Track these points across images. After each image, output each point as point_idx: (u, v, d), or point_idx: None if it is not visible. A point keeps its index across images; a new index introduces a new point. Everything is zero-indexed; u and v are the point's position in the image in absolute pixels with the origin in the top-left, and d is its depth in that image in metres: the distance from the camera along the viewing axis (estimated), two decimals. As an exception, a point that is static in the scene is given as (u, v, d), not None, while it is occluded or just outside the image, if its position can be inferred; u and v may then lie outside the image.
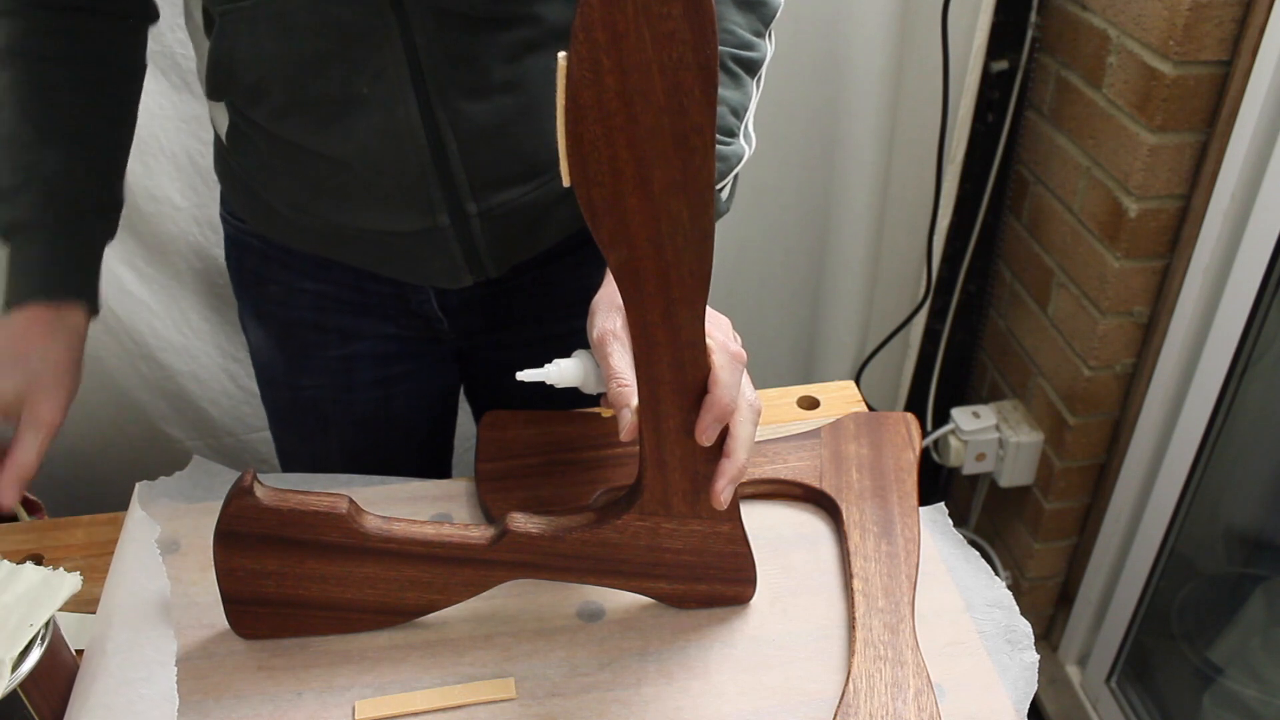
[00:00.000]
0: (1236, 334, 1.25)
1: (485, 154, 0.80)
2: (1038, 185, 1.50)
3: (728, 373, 0.65)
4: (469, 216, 0.82)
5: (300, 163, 0.81)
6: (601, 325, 0.70)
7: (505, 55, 0.77)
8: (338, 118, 0.77)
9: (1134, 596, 1.50)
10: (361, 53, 0.74)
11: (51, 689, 0.65)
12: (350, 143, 0.78)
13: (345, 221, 0.84)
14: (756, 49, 0.81)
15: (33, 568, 0.67)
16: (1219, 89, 1.21)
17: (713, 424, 0.65)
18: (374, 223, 0.83)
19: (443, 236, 0.83)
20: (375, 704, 0.68)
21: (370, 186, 0.81)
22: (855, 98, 1.46)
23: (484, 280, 0.88)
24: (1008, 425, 1.59)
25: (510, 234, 0.86)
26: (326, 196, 0.83)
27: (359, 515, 0.68)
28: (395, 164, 0.79)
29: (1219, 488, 1.41)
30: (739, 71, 0.80)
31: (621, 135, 0.55)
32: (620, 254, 0.59)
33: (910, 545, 0.78)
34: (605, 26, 0.52)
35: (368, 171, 0.80)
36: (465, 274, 0.87)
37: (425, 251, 0.85)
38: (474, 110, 0.78)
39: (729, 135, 0.78)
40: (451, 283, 0.88)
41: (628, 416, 0.66)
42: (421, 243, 0.84)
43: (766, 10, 0.81)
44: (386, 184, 0.80)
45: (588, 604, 0.75)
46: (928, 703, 0.67)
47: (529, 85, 0.79)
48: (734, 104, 0.79)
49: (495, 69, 0.78)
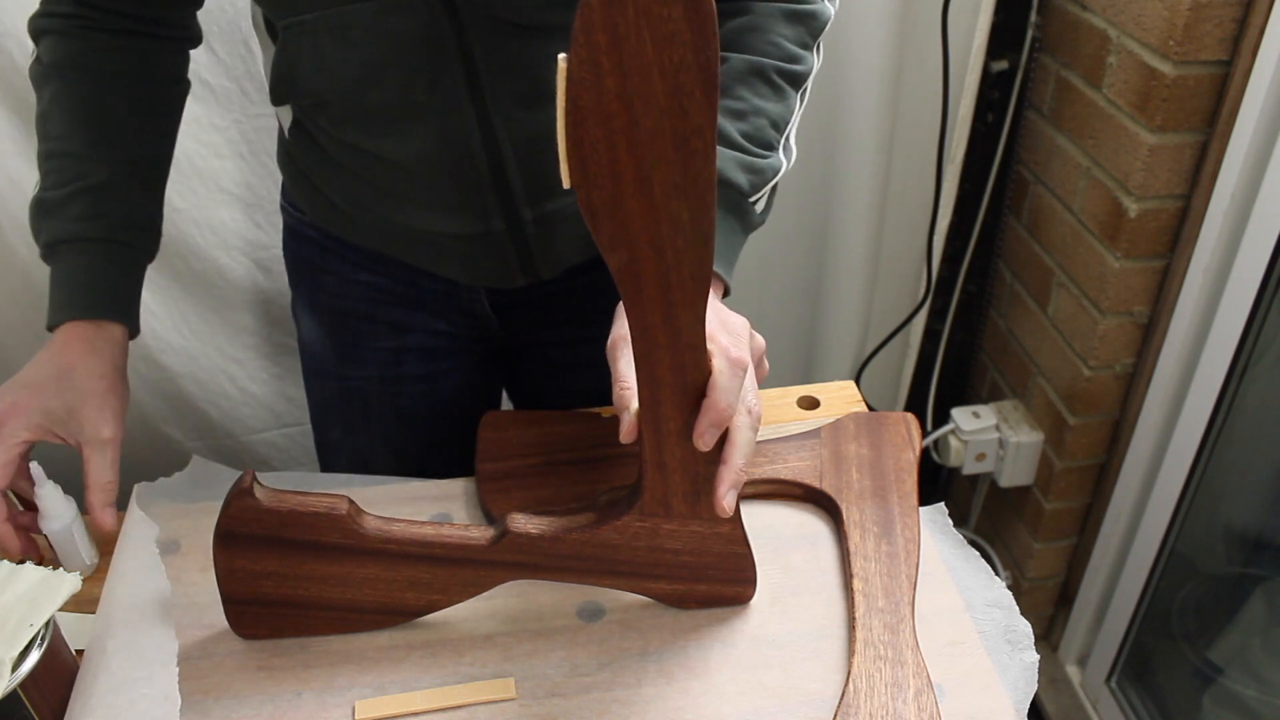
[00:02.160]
0: (1236, 334, 1.25)
1: (540, 162, 0.81)
2: (1038, 185, 1.50)
3: (727, 378, 0.65)
4: (524, 222, 0.84)
5: (360, 164, 0.83)
6: (616, 331, 0.72)
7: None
8: (396, 124, 0.79)
9: (1134, 596, 1.50)
10: (418, 61, 0.75)
11: (51, 689, 0.65)
12: (408, 149, 0.80)
13: (403, 221, 0.85)
14: (803, 61, 0.80)
15: (33, 568, 0.67)
16: (1219, 89, 1.21)
17: (709, 429, 0.65)
18: (430, 224, 0.85)
19: (498, 241, 0.85)
20: (375, 704, 0.68)
21: (427, 190, 0.82)
22: (855, 98, 1.46)
23: (536, 281, 0.89)
24: (1008, 425, 1.60)
25: (564, 239, 0.87)
26: (385, 197, 0.85)
27: (359, 516, 0.68)
28: (452, 170, 0.80)
29: (1219, 488, 1.41)
30: (782, 84, 0.79)
31: (622, 137, 0.55)
32: (620, 256, 0.59)
33: (910, 545, 0.78)
34: (606, 28, 0.52)
35: (425, 176, 0.81)
36: (519, 276, 0.88)
37: (480, 254, 0.86)
38: (529, 119, 0.79)
39: (768, 149, 0.78)
40: (504, 284, 0.89)
41: (628, 419, 0.66)
42: (476, 246, 0.85)
43: (816, 23, 0.81)
44: (443, 189, 0.82)
45: (588, 604, 0.75)
46: (928, 703, 0.68)
47: None
48: (775, 117, 0.78)
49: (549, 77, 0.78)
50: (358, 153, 0.83)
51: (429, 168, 0.81)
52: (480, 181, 0.81)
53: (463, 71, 0.76)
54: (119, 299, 0.83)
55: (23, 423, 0.76)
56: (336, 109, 0.80)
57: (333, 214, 0.89)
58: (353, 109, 0.80)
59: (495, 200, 0.82)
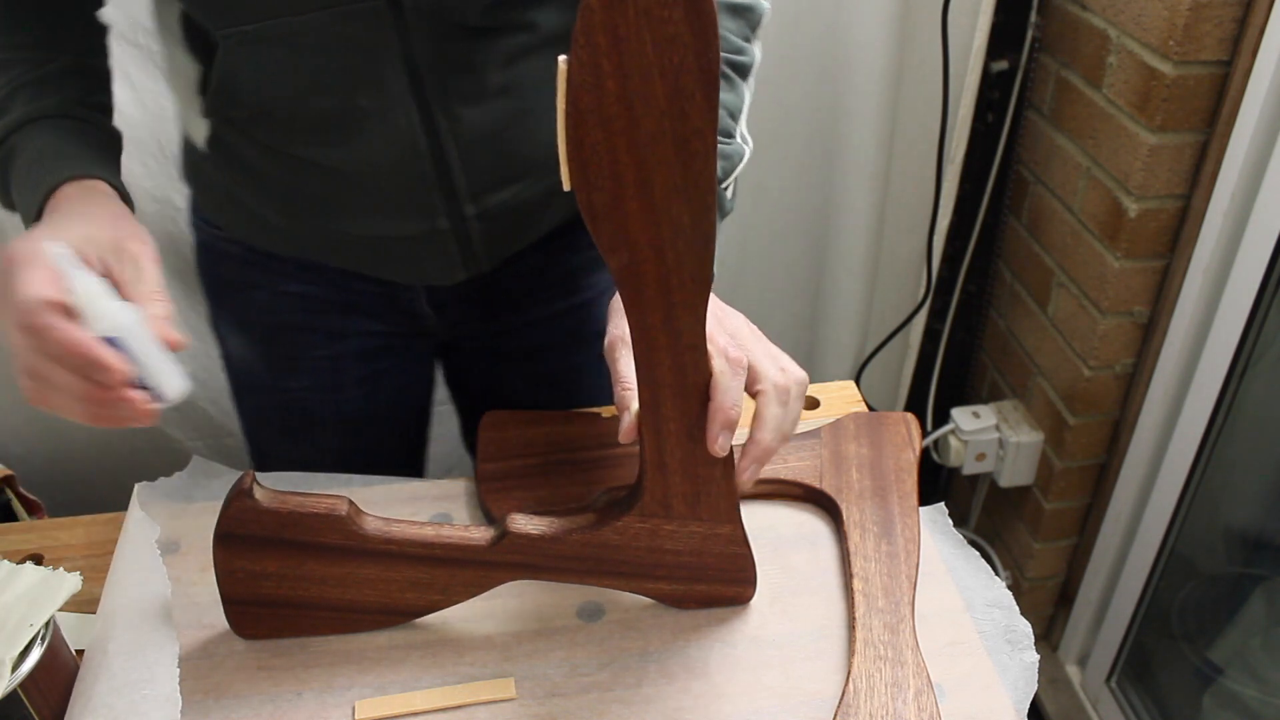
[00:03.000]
0: (1236, 334, 1.25)
1: (483, 158, 0.81)
2: (1038, 185, 1.50)
3: (728, 378, 0.65)
4: (467, 218, 0.83)
5: (297, 174, 0.81)
6: (613, 331, 0.72)
7: (501, 61, 0.78)
8: (340, 131, 0.78)
9: (1134, 596, 1.50)
10: (363, 66, 0.75)
11: (51, 689, 0.65)
12: (352, 154, 0.79)
13: (342, 228, 0.84)
14: (747, 53, 0.83)
15: (33, 568, 0.67)
16: (1219, 89, 1.21)
17: (721, 433, 0.65)
18: (372, 229, 0.83)
19: (442, 238, 0.84)
20: (375, 704, 0.68)
21: (371, 194, 0.81)
22: (855, 98, 1.46)
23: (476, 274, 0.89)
24: (1008, 425, 1.60)
25: (506, 231, 0.87)
26: (323, 205, 0.83)
27: (359, 516, 0.68)
28: (397, 172, 0.79)
29: (1219, 488, 1.41)
30: (733, 75, 0.81)
31: (622, 139, 0.55)
32: (621, 258, 0.59)
33: (910, 545, 0.78)
34: (606, 30, 0.52)
35: (369, 181, 0.80)
36: (460, 271, 0.87)
37: (422, 253, 0.85)
38: (471, 115, 0.79)
39: (728, 136, 0.80)
40: (446, 280, 0.89)
41: (628, 419, 0.67)
42: (419, 245, 0.84)
43: (754, 15, 0.83)
44: (388, 192, 0.81)
45: (588, 604, 0.76)
46: (928, 703, 0.68)
47: (524, 89, 0.80)
48: (731, 107, 0.80)
49: (491, 74, 0.78)
50: (296, 162, 0.80)
51: (374, 172, 0.80)
52: (426, 181, 0.80)
53: (406, 74, 0.76)
54: (105, 160, 0.75)
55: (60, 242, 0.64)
56: (277, 119, 0.78)
57: (257, 227, 0.86)
58: (295, 119, 0.78)
59: (440, 199, 0.81)
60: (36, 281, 0.60)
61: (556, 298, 0.98)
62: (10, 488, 1.09)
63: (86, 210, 0.69)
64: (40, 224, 0.68)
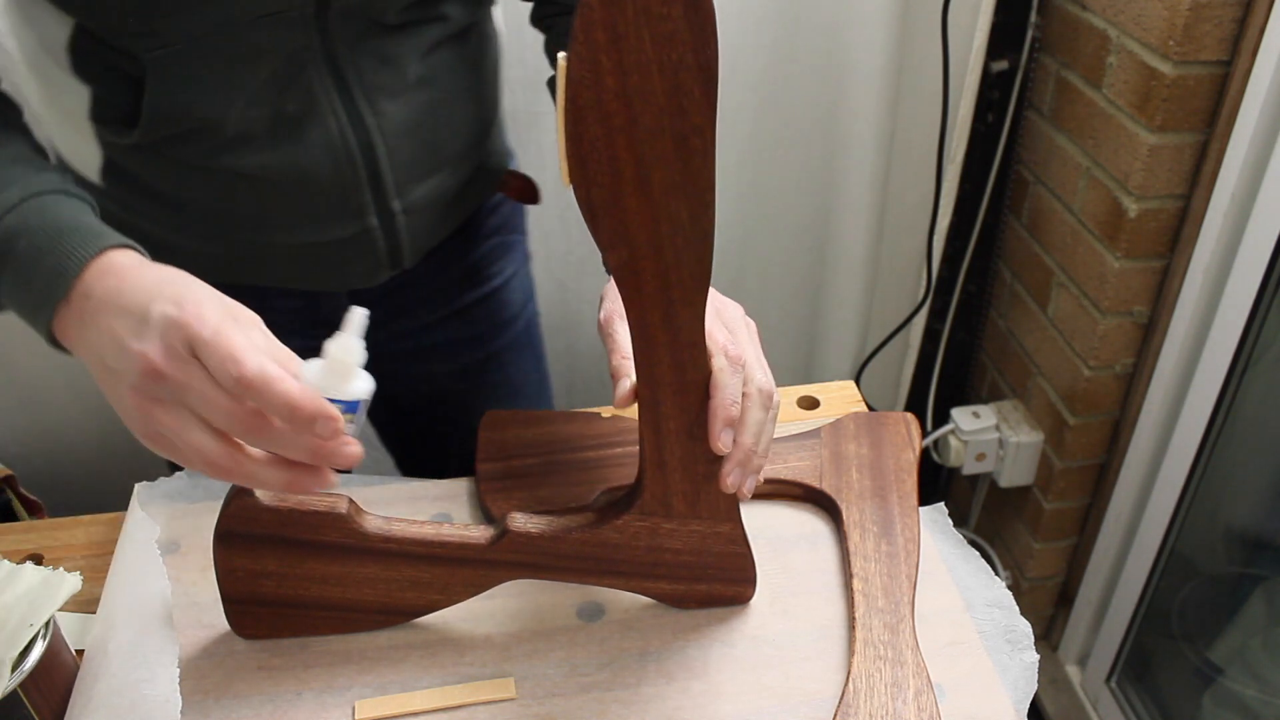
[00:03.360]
0: (1236, 334, 1.25)
1: (407, 150, 0.82)
2: (1038, 185, 1.50)
3: (727, 375, 0.65)
4: (395, 214, 0.85)
5: (223, 190, 0.80)
6: (608, 307, 0.72)
7: (418, 53, 0.80)
8: (271, 138, 0.78)
9: (1134, 596, 1.50)
10: (288, 72, 0.75)
11: (51, 689, 0.65)
12: (284, 161, 0.78)
13: (270, 240, 0.83)
14: None
15: (33, 568, 0.67)
16: (1219, 89, 1.21)
17: (723, 430, 0.65)
18: (303, 236, 0.83)
19: (371, 238, 0.85)
20: (375, 704, 0.68)
21: (302, 200, 0.81)
22: (855, 98, 1.46)
23: (399, 272, 0.91)
24: (1008, 425, 1.60)
25: (429, 224, 0.89)
26: (251, 220, 0.82)
27: (359, 515, 0.68)
28: (330, 174, 0.80)
29: (1219, 488, 1.41)
30: None
31: (621, 136, 0.55)
32: (620, 255, 0.59)
33: (910, 545, 0.78)
34: (605, 27, 0.52)
35: (301, 187, 0.80)
36: (385, 270, 0.89)
37: (351, 255, 0.86)
38: (394, 109, 0.80)
39: None
40: (372, 281, 0.89)
41: (625, 386, 0.67)
42: (348, 247, 0.85)
43: None
44: (320, 195, 0.81)
45: (588, 604, 0.75)
46: (928, 703, 0.68)
47: (440, 80, 0.83)
48: None
49: (410, 66, 0.80)
50: (226, 177, 0.79)
51: (305, 176, 0.79)
52: (357, 179, 0.81)
53: (330, 74, 0.76)
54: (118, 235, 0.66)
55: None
56: (209, 134, 0.76)
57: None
58: (226, 131, 0.76)
59: (371, 196, 0.82)
60: (254, 339, 0.58)
61: (467, 289, 1.00)
62: (10, 488, 1.09)
63: (170, 276, 0.62)
64: (135, 293, 0.60)
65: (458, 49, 0.85)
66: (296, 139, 0.78)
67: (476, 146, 0.92)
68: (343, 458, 0.59)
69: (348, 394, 0.59)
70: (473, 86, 0.88)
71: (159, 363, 0.57)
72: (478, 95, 0.89)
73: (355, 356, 0.60)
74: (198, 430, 0.58)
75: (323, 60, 0.76)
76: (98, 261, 0.62)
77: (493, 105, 0.93)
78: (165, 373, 0.57)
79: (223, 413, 0.57)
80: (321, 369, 0.59)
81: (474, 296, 1.01)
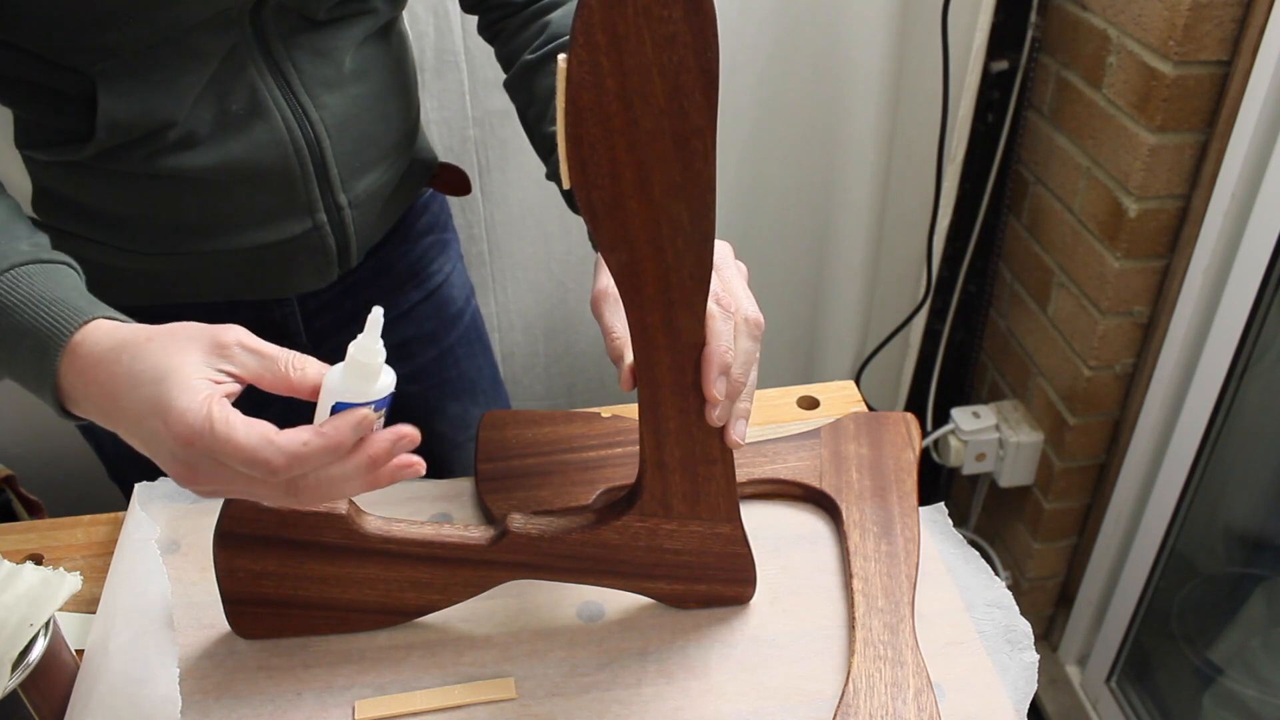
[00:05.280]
0: (1236, 334, 1.25)
1: (349, 143, 0.83)
2: (1038, 185, 1.50)
3: (719, 321, 0.64)
4: (341, 208, 0.85)
5: (163, 201, 0.79)
6: (596, 286, 0.71)
7: (352, 45, 0.82)
8: (219, 140, 0.78)
9: (1134, 596, 1.50)
10: (229, 71, 0.76)
11: (51, 689, 0.65)
12: (233, 161, 0.78)
13: (214, 249, 0.83)
14: None
15: (33, 568, 0.67)
16: (1219, 89, 1.21)
17: (718, 378, 0.64)
18: (253, 239, 0.83)
19: (319, 235, 0.85)
20: (375, 704, 0.68)
21: (252, 203, 0.81)
22: (855, 98, 1.46)
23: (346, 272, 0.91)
24: (1008, 425, 1.60)
25: (373, 219, 0.90)
26: (199, 228, 0.82)
27: (359, 516, 0.68)
28: (280, 169, 0.80)
29: (1219, 488, 1.41)
30: None
31: (622, 138, 0.55)
32: (620, 257, 0.59)
33: (910, 545, 0.78)
34: (605, 29, 0.52)
35: (251, 185, 0.80)
36: (334, 269, 0.89)
37: (300, 256, 0.86)
38: (335, 101, 0.81)
39: None
40: (320, 282, 0.90)
41: (625, 368, 0.66)
42: (298, 247, 0.85)
43: None
44: (270, 192, 0.81)
45: (588, 604, 0.76)
46: (927, 703, 0.68)
47: (373, 73, 0.84)
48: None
49: (346, 59, 0.82)
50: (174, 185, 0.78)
51: (253, 178, 0.80)
52: (305, 174, 0.82)
53: (270, 71, 0.77)
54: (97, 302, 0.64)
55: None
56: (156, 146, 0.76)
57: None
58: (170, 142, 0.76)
59: (318, 192, 0.83)
60: (253, 430, 0.56)
61: (410, 289, 1.02)
62: (10, 488, 1.09)
63: (141, 369, 0.58)
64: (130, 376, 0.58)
65: (384, 44, 0.87)
66: (245, 137, 0.78)
67: (409, 139, 0.93)
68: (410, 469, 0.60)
69: (374, 394, 0.58)
70: (400, 80, 0.90)
71: (184, 473, 0.56)
72: (405, 89, 0.91)
73: (377, 356, 0.59)
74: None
75: (261, 57, 0.77)
76: (65, 357, 0.60)
77: (417, 101, 0.95)
78: (198, 476, 0.56)
79: (276, 498, 0.58)
80: (345, 374, 0.59)
81: (418, 296, 1.03)
